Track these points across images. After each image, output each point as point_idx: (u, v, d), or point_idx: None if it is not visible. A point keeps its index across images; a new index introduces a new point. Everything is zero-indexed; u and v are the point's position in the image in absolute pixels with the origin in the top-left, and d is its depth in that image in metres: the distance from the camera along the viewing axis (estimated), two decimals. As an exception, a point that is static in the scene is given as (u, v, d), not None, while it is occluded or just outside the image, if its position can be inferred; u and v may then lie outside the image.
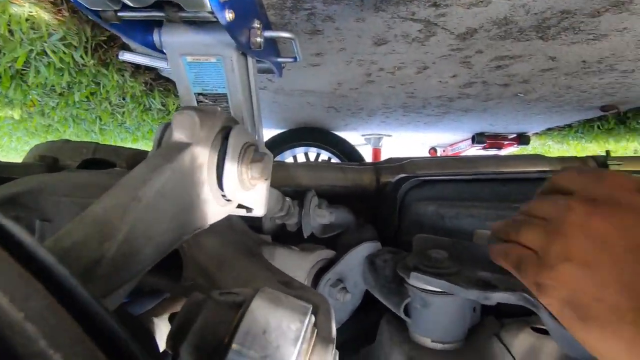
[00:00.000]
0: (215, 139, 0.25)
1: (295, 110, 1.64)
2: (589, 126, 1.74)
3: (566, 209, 0.23)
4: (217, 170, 0.25)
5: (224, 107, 0.64)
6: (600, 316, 0.22)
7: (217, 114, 0.26)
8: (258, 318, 0.19)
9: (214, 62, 0.58)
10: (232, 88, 0.61)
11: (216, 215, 0.26)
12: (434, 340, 0.44)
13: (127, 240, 0.18)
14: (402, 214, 0.66)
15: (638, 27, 0.73)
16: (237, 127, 0.26)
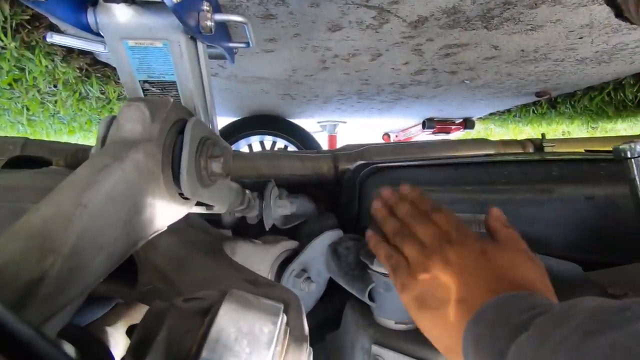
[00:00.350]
0: (168, 134, 0.23)
1: (249, 97, 1.59)
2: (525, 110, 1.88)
3: (437, 245, 0.35)
4: (172, 168, 0.23)
5: (174, 96, 0.60)
6: (432, 305, 0.33)
7: (170, 105, 0.24)
8: (228, 324, 0.18)
9: (159, 47, 0.54)
10: (182, 75, 0.57)
11: (174, 215, 0.25)
12: (398, 321, 0.46)
13: (74, 253, 0.16)
14: (362, 201, 0.67)
15: (569, 19, 0.79)
16: (192, 120, 0.24)
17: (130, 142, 0.21)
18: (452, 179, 0.61)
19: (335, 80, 1.29)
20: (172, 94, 0.60)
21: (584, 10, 0.75)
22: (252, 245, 0.52)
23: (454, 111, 2.03)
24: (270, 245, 0.55)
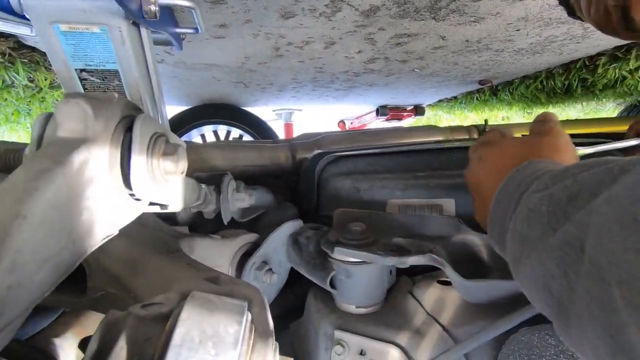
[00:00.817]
0: (115, 132, 0.21)
1: (199, 85, 1.52)
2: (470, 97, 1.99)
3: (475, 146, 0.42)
4: (122, 168, 0.21)
5: (116, 86, 0.56)
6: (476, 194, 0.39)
7: (115, 101, 0.22)
8: (191, 328, 0.17)
9: (97, 32, 0.50)
10: (125, 64, 0.53)
11: (126, 218, 0.23)
12: (358, 306, 0.48)
13: (14, 270, 0.15)
14: (320, 190, 0.68)
15: (507, 12, 0.85)
16: (141, 117, 0.22)
17: (71, 143, 0.19)
18: (405, 165, 0.64)
19: (290, 68, 1.27)
20: (114, 83, 0.56)
21: (520, 4, 0.80)
22: (211, 241, 0.51)
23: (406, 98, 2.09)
24: (229, 240, 0.54)
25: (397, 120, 2.42)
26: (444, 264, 0.40)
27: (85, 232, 0.19)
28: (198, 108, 1.93)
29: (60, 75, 0.53)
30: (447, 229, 0.49)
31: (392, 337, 0.43)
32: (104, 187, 0.21)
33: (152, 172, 0.23)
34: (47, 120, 0.21)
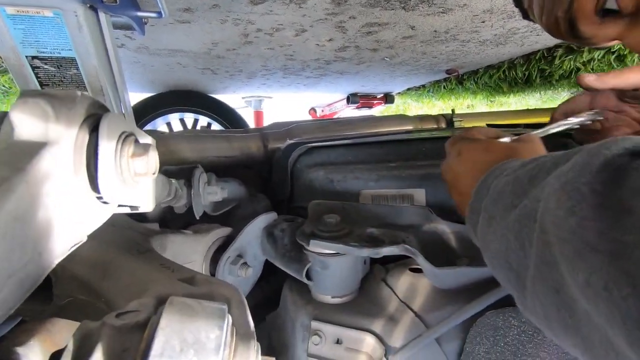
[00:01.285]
0: (79, 133, 0.20)
1: (164, 71, 1.45)
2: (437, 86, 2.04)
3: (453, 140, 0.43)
4: (88, 171, 0.20)
5: (73, 75, 0.52)
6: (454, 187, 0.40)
7: (77, 99, 0.20)
8: (171, 337, 0.17)
9: (50, 17, 0.46)
10: (82, 51, 0.50)
11: (94, 222, 0.22)
12: (334, 296, 0.49)
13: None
14: (294, 181, 0.68)
15: (473, 4, 0.87)
16: (108, 115, 0.21)
17: (31, 147, 0.17)
18: (378, 156, 0.65)
19: (259, 55, 1.24)
20: (71, 72, 0.52)
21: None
22: (183, 237, 0.50)
23: (376, 86, 2.11)
24: (202, 235, 0.53)
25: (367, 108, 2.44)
26: (416, 253, 0.42)
27: (51, 242, 0.18)
28: (163, 95, 1.85)
29: (9, 63, 0.49)
30: (418, 218, 0.51)
31: (367, 325, 0.44)
32: (70, 193, 0.19)
33: (121, 174, 0.22)
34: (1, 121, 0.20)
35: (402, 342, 0.42)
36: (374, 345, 0.43)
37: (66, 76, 0.52)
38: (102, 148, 0.20)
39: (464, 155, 0.38)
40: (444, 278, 0.42)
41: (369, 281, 0.53)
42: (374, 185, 0.61)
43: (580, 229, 0.18)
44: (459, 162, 0.39)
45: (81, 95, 0.21)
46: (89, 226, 0.22)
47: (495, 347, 0.38)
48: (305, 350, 0.46)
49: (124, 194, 0.23)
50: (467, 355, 0.39)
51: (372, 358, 0.42)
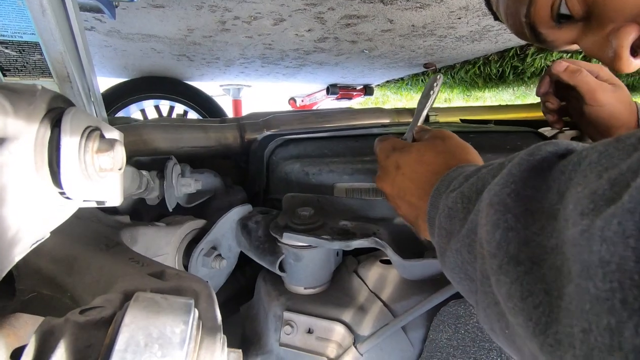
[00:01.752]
0: (40, 128, 0.20)
1: (137, 57, 1.40)
2: (415, 79, 2.07)
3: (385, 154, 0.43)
4: (50, 168, 0.20)
5: (37, 60, 0.50)
6: (399, 197, 0.40)
7: (38, 93, 0.20)
8: (136, 332, 0.17)
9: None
10: (46, 35, 0.48)
11: (58, 218, 0.22)
12: (307, 287, 0.50)
13: None
14: (270, 173, 0.68)
15: (450, 0, 0.88)
16: (71, 110, 0.21)
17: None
18: (353, 150, 0.66)
19: (237, 43, 1.21)
20: (34, 57, 0.50)
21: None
22: (155, 229, 0.49)
23: (355, 78, 2.12)
24: (175, 227, 0.52)
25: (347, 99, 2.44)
26: (385, 246, 0.43)
27: (11, 240, 0.18)
28: (137, 81, 1.79)
29: (-36, 46, 0.46)
30: (390, 211, 0.53)
31: (338, 314, 0.46)
32: (31, 189, 0.19)
33: (86, 169, 0.21)
34: (-45, 115, 0.19)
35: (370, 330, 0.44)
36: (343, 334, 0.44)
37: (29, 61, 0.50)
38: (64, 144, 0.20)
39: (403, 168, 0.39)
40: (411, 269, 0.44)
41: (341, 272, 0.54)
42: (349, 179, 0.62)
43: (504, 242, 0.19)
44: (401, 176, 0.39)
45: (42, 88, 0.20)
46: (52, 222, 0.21)
47: (456, 334, 0.40)
48: (277, 339, 0.47)
49: (88, 189, 0.22)
50: (430, 342, 0.41)
51: (341, 346, 0.44)
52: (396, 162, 0.40)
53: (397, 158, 0.40)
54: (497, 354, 0.39)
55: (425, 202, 0.34)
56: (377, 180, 0.44)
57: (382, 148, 0.44)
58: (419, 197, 0.36)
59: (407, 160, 0.39)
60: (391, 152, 0.42)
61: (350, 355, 0.42)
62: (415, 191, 0.37)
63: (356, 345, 0.43)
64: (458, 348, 0.40)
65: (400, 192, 0.39)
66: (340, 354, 0.43)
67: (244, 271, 0.68)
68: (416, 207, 0.37)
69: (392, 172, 0.40)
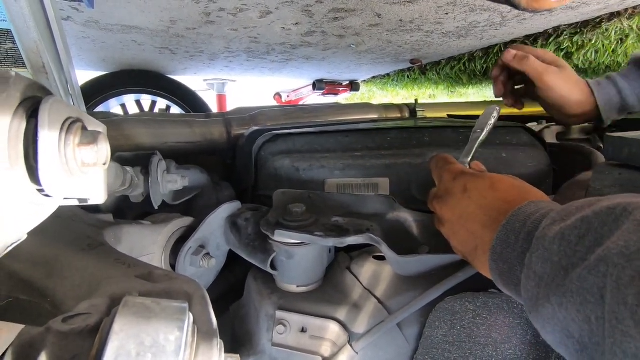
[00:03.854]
0: (14, 120, 0.18)
1: (117, 49, 1.35)
2: (402, 75, 2.07)
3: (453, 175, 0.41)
4: (27, 162, 0.18)
5: (9, 49, 0.47)
6: (456, 229, 0.38)
7: (11, 80, 0.18)
8: (126, 341, 0.16)
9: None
10: (19, 23, 0.45)
11: (36, 218, 0.20)
12: (299, 285, 0.49)
13: None
14: (258, 169, 0.66)
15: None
16: (50, 99, 0.19)
17: None
18: (344, 145, 0.65)
19: (222, 36, 1.18)
20: (6, 46, 0.47)
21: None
22: (140, 228, 0.47)
23: (342, 74, 2.11)
24: (161, 225, 0.50)
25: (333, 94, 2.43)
26: (379, 242, 0.43)
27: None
28: (117, 74, 1.73)
29: None
30: (383, 207, 0.52)
31: (332, 312, 0.45)
32: (4, 188, 0.17)
33: (67, 164, 0.20)
34: None
35: (365, 328, 0.43)
36: (338, 332, 0.43)
37: (0, 50, 0.46)
38: (42, 136, 0.18)
39: (471, 192, 0.36)
40: (405, 265, 0.43)
41: (334, 269, 0.53)
42: (340, 174, 0.61)
43: None
44: (467, 199, 0.36)
45: (16, 75, 0.18)
46: (29, 223, 0.20)
47: (452, 331, 0.40)
48: (269, 340, 0.46)
49: (70, 186, 0.21)
50: (426, 339, 0.41)
51: (336, 345, 0.43)
52: (464, 185, 0.37)
53: (467, 181, 0.37)
54: (492, 349, 0.39)
55: (491, 231, 0.32)
56: (436, 202, 0.41)
57: (450, 170, 0.41)
58: (483, 225, 0.34)
59: (478, 184, 0.36)
60: (461, 174, 0.39)
61: (345, 354, 0.42)
62: (481, 218, 0.34)
63: (351, 343, 0.42)
64: (454, 344, 0.40)
65: (462, 217, 0.36)
66: (335, 352, 0.42)
67: (233, 269, 0.66)
68: (477, 237, 0.34)
69: (458, 195, 0.37)
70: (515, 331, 0.38)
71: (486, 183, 0.36)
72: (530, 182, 0.36)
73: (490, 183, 0.36)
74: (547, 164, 0.62)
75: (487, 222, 0.34)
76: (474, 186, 0.37)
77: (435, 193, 0.42)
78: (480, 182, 0.37)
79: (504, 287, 0.32)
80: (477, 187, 0.36)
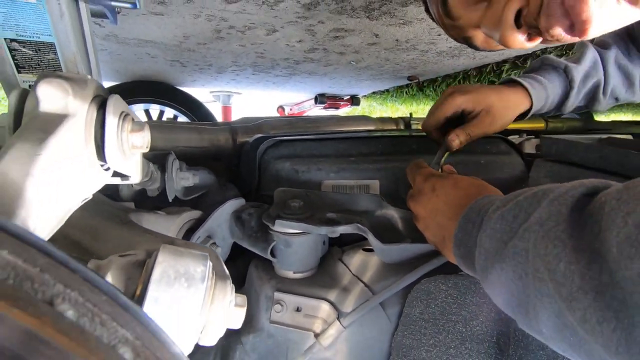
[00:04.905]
0: (89, 110, 0.24)
1: (131, 61, 1.44)
2: (400, 91, 2.16)
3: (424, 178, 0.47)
4: (96, 142, 0.25)
5: (51, 60, 0.55)
6: (430, 224, 0.43)
7: (89, 82, 0.25)
8: (167, 268, 0.22)
9: (33, 3, 0.48)
10: (62, 37, 0.52)
11: (97, 185, 0.26)
12: (296, 271, 0.55)
13: (24, 222, 0.18)
14: (261, 171, 0.73)
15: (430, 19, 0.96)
16: (114, 96, 0.26)
17: (55, 117, 0.22)
18: (339, 151, 0.72)
19: (230, 51, 1.27)
20: (49, 57, 0.55)
21: (440, 13, 0.92)
22: (156, 217, 0.53)
23: (343, 88, 2.20)
24: (174, 216, 0.57)
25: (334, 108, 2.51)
26: (366, 232, 0.49)
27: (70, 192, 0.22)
28: (129, 85, 1.82)
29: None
30: (372, 205, 0.58)
31: (323, 294, 0.51)
32: (81, 157, 0.24)
33: (122, 146, 0.26)
34: (25, 96, 0.23)
35: (352, 307, 0.49)
36: (328, 311, 0.49)
37: (44, 60, 0.54)
38: (108, 123, 0.25)
39: (438, 191, 0.42)
40: (389, 253, 0.49)
41: (327, 260, 0.59)
42: (335, 176, 0.68)
43: (569, 273, 0.23)
44: (435, 197, 0.42)
45: (90, 78, 0.25)
46: (93, 187, 0.26)
47: (427, 309, 0.46)
48: (267, 318, 0.51)
49: (122, 163, 0.27)
50: (405, 316, 0.47)
51: (326, 322, 0.49)
52: (433, 186, 0.43)
53: (435, 182, 0.44)
54: (462, 325, 0.45)
55: (455, 222, 0.37)
56: (410, 201, 0.47)
57: (421, 173, 0.48)
58: (449, 218, 0.40)
59: (444, 184, 0.43)
60: (430, 176, 0.46)
61: (334, 329, 0.47)
62: (447, 212, 0.40)
63: (340, 320, 0.48)
64: (429, 321, 0.46)
65: (432, 213, 0.42)
66: (325, 328, 0.48)
67: (235, 263, 0.72)
68: (445, 228, 0.40)
69: (428, 194, 0.43)
70: (481, 309, 0.44)
71: (450, 182, 0.42)
72: (507, 185, 0.43)
73: (453, 182, 0.42)
74: (523, 170, 0.68)
75: (452, 215, 0.40)
76: (440, 185, 0.43)
77: (411, 193, 0.49)
78: (446, 182, 0.43)
79: (465, 268, 0.38)
80: (443, 186, 0.43)
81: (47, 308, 0.10)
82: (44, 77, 0.23)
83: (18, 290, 0.10)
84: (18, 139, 0.20)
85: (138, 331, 0.13)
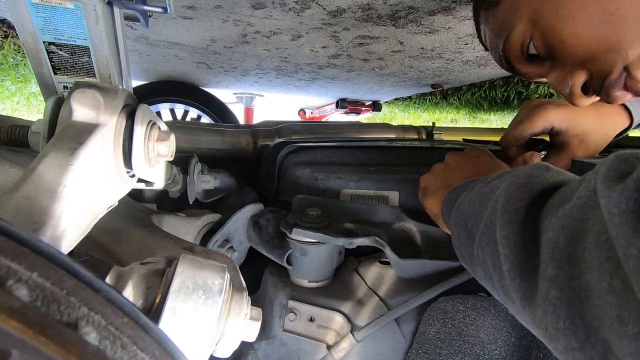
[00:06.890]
0: (119, 119, 0.25)
1: (160, 61, 1.48)
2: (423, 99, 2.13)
3: None
4: (123, 150, 0.25)
5: (85, 62, 0.56)
6: (430, 191, 0.49)
7: (119, 92, 0.26)
8: (186, 279, 0.22)
9: (71, 8, 0.50)
10: (96, 41, 0.54)
11: (122, 191, 0.27)
12: (311, 280, 0.55)
13: (56, 229, 0.18)
14: (280, 177, 0.73)
15: (458, 28, 0.94)
16: (142, 107, 0.26)
17: (86, 127, 0.22)
18: (360, 159, 0.71)
19: (255, 54, 1.29)
20: (83, 59, 0.57)
21: (469, 22, 0.91)
22: (177, 218, 0.54)
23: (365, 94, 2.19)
24: (194, 218, 0.58)
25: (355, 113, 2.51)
26: (384, 245, 0.48)
27: (98, 199, 0.23)
28: (156, 84, 1.87)
29: (27, 47, 0.53)
30: (390, 217, 0.57)
31: (338, 305, 0.50)
32: (110, 165, 0.24)
33: (148, 154, 0.27)
34: (59, 105, 0.24)
35: (366, 321, 0.48)
36: (342, 323, 0.49)
37: (78, 62, 0.56)
38: (136, 132, 0.25)
39: (435, 171, 0.51)
40: (407, 268, 0.48)
41: (342, 270, 0.59)
42: (354, 185, 0.67)
43: (512, 235, 0.26)
44: (451, 170, 0.49)
45: (121, 89, 0.26)
46: (119, 194, 0.27)
47: (444, 328, 0.45)
48: (281, 326, 0.51)
49: (147, 171, 0.28)
50: (420, 334, 0.46)
51: (339, 334, 0.48)
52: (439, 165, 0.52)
53: (441, 164, 0.52)
54: (480, 348, 0.44)
55: None
56: (421, 177, 0.54)
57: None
58: (443, 193, 0.45)
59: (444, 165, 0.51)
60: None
61: (347, 342, 0.47)
62: (442, 189, 0.46)
63: (353, 333, 0.47)
64: (445, 341, 0.45)
65: (431, 187, 0.49)
66: (338, 340, 0.48)
67: (250, 268, 0.73)
68: (439, 202, 0.46)
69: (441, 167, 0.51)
70: (500, 332, 0.43)
71: (474, 160, 0.49)
72: None
73: (477, 160, 0.49)
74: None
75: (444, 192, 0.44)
76: (439, 166, 0.53)
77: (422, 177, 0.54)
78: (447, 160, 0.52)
79: (446, 212, 0.41)
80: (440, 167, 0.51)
81: (72, 334, 0.10)
82: (78, 87, 0.23)
83: (45, 316, 0.10)
84: (52, 148, 0.21)
85: (157, 355, 0.13)
